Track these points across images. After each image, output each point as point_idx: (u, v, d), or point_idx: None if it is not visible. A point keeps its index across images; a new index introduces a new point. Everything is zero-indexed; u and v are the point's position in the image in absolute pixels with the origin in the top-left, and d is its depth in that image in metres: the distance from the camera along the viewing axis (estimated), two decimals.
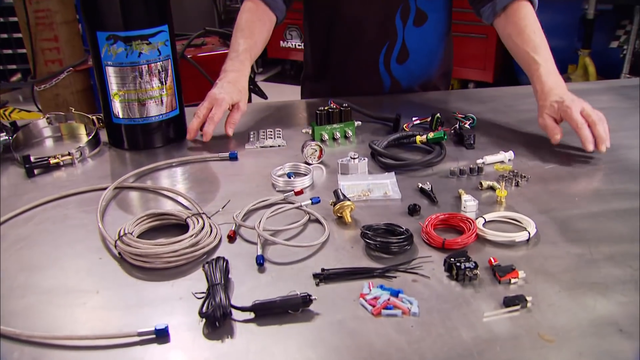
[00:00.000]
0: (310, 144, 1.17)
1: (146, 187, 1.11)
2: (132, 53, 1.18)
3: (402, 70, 1.54)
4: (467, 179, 1.10)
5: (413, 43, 1.51)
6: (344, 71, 1.56)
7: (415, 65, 1.55)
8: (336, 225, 0.97)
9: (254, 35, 1.40)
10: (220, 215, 1.00)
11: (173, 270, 0.87)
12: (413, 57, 1.52)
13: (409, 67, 1.54)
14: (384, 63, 1.52)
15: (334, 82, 1.59)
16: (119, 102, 1.23)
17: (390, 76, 1.54)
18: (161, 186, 1.11)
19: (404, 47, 1.50)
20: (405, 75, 1.55)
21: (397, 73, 1.54)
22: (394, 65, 1.53)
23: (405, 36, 1.49)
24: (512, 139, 1.27)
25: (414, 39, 1.50)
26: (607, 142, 1.15)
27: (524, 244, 0.90)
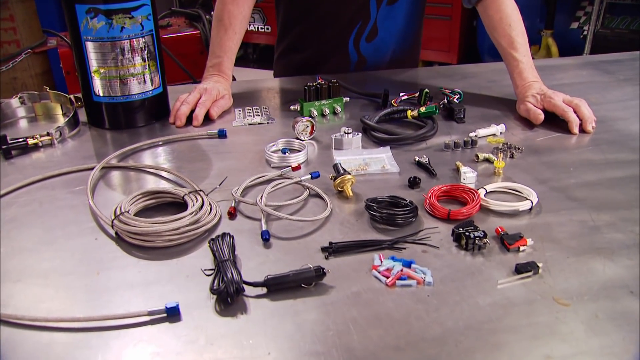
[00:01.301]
0: (301, 119, 1.15)
1: (136, 166, 1.07)
2: (113, 28, 1.13)
3: (370, 48, 1.53)
4: (462, 152, 1.10)
5: (383, 22, 1.50)
6: (313, 47, 1.55)
7: (382, 44, 1.54)
8: (337, 199, 0.96)
9: (235, 34, 1.38)
10: (217, 192, 0.97)
11: (174, 249, 0.84)
12: (382, 35, 1.51)
13: (376, 45, 1.53)
14: (354, 42, 1.51)
15: (302, 57, 1.57)
16: (100, 80, 1.18)
17: (358, 54, 1.53)
18: (151, 165, 1.07)
19: (374, 26, 1.49)
20: (372, 53, 1.54)
21: (365, 51, 1.53)
22: (363, 44, 1.52)
23: (377, 16, 1.47)
24: (500, 113, 1.29)
25: (385, 17, 1.49)
26: (593, 122, 1.18)
27: (527, 213, 0.91)
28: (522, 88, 1.27)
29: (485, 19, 1.37)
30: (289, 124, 1.22)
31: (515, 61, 1.30)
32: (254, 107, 1.32)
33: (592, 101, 1.26)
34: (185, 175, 1.03)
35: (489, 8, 1.35)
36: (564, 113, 1.18)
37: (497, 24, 1.33)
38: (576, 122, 1.17)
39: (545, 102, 1.22)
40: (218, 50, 1.37)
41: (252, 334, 0.68)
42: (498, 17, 1.34)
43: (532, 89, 1.25)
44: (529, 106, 1.22)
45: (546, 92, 1.23)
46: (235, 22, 1.37)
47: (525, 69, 1.29)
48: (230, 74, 1.38)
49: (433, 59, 4.30)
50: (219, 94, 1.29)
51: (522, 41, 1.32)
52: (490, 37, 1.37)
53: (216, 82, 1.33)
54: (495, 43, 1.36)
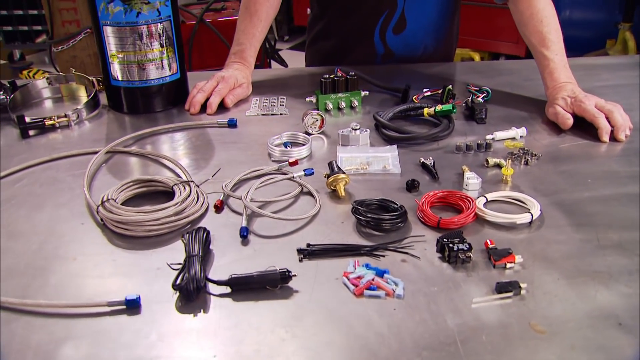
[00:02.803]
0: (311, 112, 1.12)
1: (138, 152, 1.08)
2: (130, 12, 1.14)
3: (398, 40, 1.46)
4: (473, 155, 1.04)
5: (412, 14, 1.42)
6: (340, 36, 1.50)
7: (412, 37, 1.46)
8: (329, 198, 0.93)
9: (260, 21, 1.36)
10: (211, 183, 0.97)
11: (155, 239, 0.84)
12: (410, 27, 1.44)
13: (405, 38, 1.46)
14: (380, 32, 1.45)
15: (330, 45, 1.53)
16: (118, 64, 1.20)
17: (385, 45, 1.47)
18: (153, 152, 1.08)
19: (402, 17, 1.42)
20: (400, 47, 1.48)
21: (392, 43, 1.47)
22: (390, 35, 1.45)
23: (405, 6, 1.41)
24: (528, 115, 1.21)
25: (413, 9, 1.42)
26: (627, 130, 1.08)
27: (526, 227, 0.84)
28: (553, 89, 1.19)
29: (516, 15, 1.28)
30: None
31: (546, 60, 1.21)
32: (271, 97, 1.31)
33: (632, 107, 1.16)
34: (186, 163, 1.04)
35: (520, 3, 1.26)
36: (594, 119, 1.09)
37: (528, 20, 1.24)
38: (607, 129, 1.08)
39: (575, 106, 1.13)
40: (242, 38, 1.36)
41: (203, 334, 0.67)
42: (529, 13, 1.25)
43: (564, 90, 1.17)
44: (557, 109, 1.14)
45: (578, 95, 1.14)
46: (262, 9, 1.36)
47: (557, 68, 1.20)
48: (252, 62, 1.37)
49: (500, 51, 4.11)
50: (237, 82, 1.28)
51: (554, 38, 1.23)
52: (521, 35, 1.28)
53: (236, 69, 1.32)
54: (526, 41, 1.27)
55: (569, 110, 1.13)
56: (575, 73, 1.24)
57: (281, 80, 1.45)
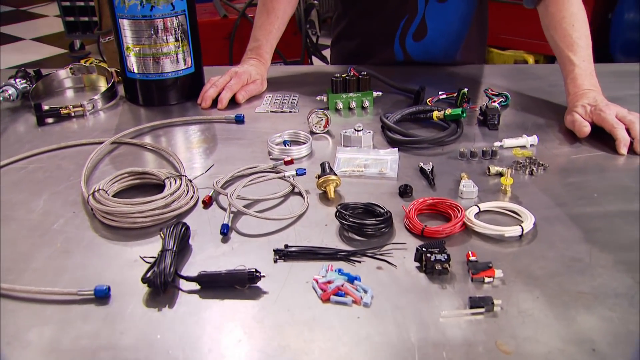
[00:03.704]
0: (316, 111, 1.11)
1: (140, 143, 1.10)
2: (144, 6, 1.16)
3: (418, 48, 1.43)
4: (477, 163, 1.01)
5: (433, 20, 1.38)
6: (363, 37, 1.48)
7: (432, 45, 1.42)
8: (319, 200, 0.92)
9: (277, 18, 1.37)
10: (205, 178, 0.97)
11: (140, 231, 0.85)
12: (431, 35, 1.40)
13: (425, 46, 1.42)
14: (400, 38, 1.41)
15: (351, 46, 1.51)
16: (134, 57, 1.23)
17: (404, 52, 1.44)
18: (154, 144, 1.09)
19: (422, 24, 1.38)
20: (420, 54, 1.44)
21: (412, 50, 1.43)
22: (410, 42, 1.41)
23: (426, 12, 1.37)
24: (545, 122, 1.15)
25: (434, 16, 1.38)
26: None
27: (515, 240, 0.81)
28: (574, 96, 1.13)
29: (545, 18, 1.23)
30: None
31: (571, 65, 1.16)
32: (284, 95, 1.30)
33: None
34: (184, 157, 1.05)
35: (552, 5, 1.21)
36: (613, 129, 1.03)
37: (559, 22, 1.19)
38: (625, 140, 1.02)
39: (594, 115, 1.07)
40: (258, 34, 1.36)
41: (165, 329, 0.68)
42: (560, 16, 1.19)
43: (585, 98, 1.11)
44: (575, 117, 1.08)
45: (599, 103, 1.08)
46: (279, 6, 1.36)
47: (582, 75, 1.14)
48: (268, 58, 1.37)
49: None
50: (250, 78, 1.29)
51: (583, 44, 1.17)
52: (548, 38, 1.22)
53: (251, 65, 1.32)
54: (552, 45, 1.21)
55: (588, 119, 1.08)
56: (606, 79, 1.18)
57: (299, 77, 1.45)
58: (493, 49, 4.02)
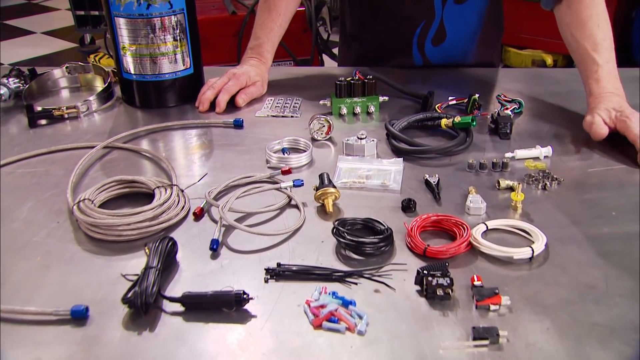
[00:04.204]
0: (318, 117, 1.07)
1: (134, 148, 1.06)
2: (140, 4, 1.12)
3: (437, 52, 1.37)
4: (487, 175, 0.95)
5: (452, 23, 1.33)
6: (372, 39, 1.42)
7: (452, 49, 1.37)
8: (316, 213, 0.87)
9: (279, 15, 1.32)
10: (198, 187, 0.93)
11: (126, 245, 0.81)
12: (451, 39, 1.35)
13: (445, 50, 1.37)
14: (418, 43, 1.36)
15: (362, 49, 1.45)
16: (130, 57, 1.19)
17: (423, 57, 1.38)
18: (148, 149, 1.05)
19: (441, 28, 1.33)
20: (440, 59, 1.38)
21: (431, 55, 1.38)
22: (429, 47, 1.36)
23: (444, 15, 1.31)
24: (561, 132, 1.10)
25: (453, 18, 1.32)
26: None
27: (525, 263, 0.76)
28: (597, 97, 1.07)
29: (566, 17, 1.16)
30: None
31: (595, 65, 1.09)
32: (286, 98, 1.26)
33: None
34: (179, 164, 1.01)
35: (575, 3, 1.14)
36: (636, 140, 0.97)
37: (584, 22, 1.12)
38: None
39: (618, 121, 1.01)
40: (259, 32, 1.32)
41: (143, 354, 0.64)
42: (586, 15, 1.13)
43: (609, 101, 1.05)
44: (596, 119, 1.02)
45: (625, 110, 1.02)
46: (281, 3, 1.31)
47: (605, 76, 1.08)
48: (269, 58, 1.32)
49: None
50: (250, 80, 1.24)
51: (608, 46, 1.11)
52: (567, 38, 1.16)
53: (251, 65, 1.28)
54: (573, 45, 1.15)
55: (611, 124, 1.02)
56: (630, 85, 1.12)
57: (303, 79, 1.40)
58: (510, 48, 3.94)
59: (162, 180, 0.92)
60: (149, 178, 0.91)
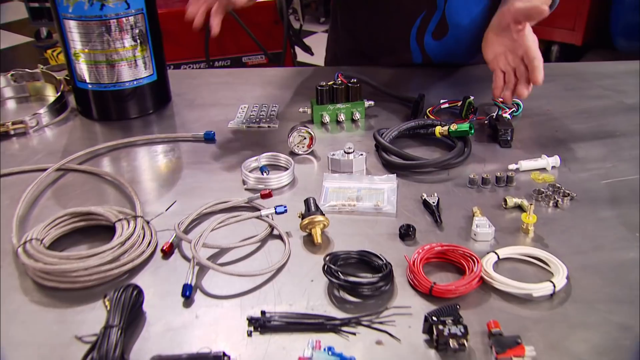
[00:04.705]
0: (299, 129, 0.96)
1: (93, 171, 0.94)
2: (92, 4, 1.00)
3: (438, 47, 1.27)
4: (490, 191, 0.86)
5: (455, 15, 1.23)
6: (367, 34, 1.31)
7: (454, 43, 1.27)
8: (303, 245, 0.77)
9: None
10: (166, 217, 0.82)
11: (83, 293, 0.70)
12: (453, 32, 1.25)
13: (446, 45, 1.27)
14: (417, 37, 1.26)
15: (355, 45, 1.35)
16: (84, 64, 1.07)
17: (422, 53, 1.28)
18: (108, 172, 0.93)
19: (443, 21, 1.23)
20: (440, 54, 1.29)
21: (430, 50, 1.28)
22: (428, 41, 1.26)
23: (446, 6, 1.21)
24: (566, 136, 1.01)
25: (456, 9, 1.22)
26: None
27: (546, 300, 0.67)
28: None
29: None
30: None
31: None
32: (262, 105, 1.15)
33: None
34: (144, 187, 0.90)
35: None
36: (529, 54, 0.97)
37: None
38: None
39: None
40: None
41: None
42: None
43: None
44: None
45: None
46: None
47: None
48: None
49: (554, 38, 3.82)
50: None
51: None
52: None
53: None
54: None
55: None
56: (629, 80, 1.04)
57: (280, 82, 1.29)
58: None
59: (123, 210, 0.81)
60: (109, 209, 0.80)
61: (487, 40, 1.04)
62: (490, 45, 1.04)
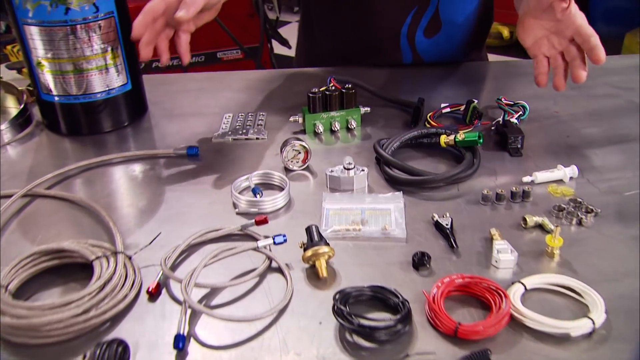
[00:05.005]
0: (292, 143, 0.88)
1: (64, 196, 0.85)
2: (56, 7, 0.90)
3: (430, 46, 1.20)
4: (505, 208, 0.80)
5: (449, 11, 1.16)
6: (354, 34, 1.23)
7: (446, 41, 1.20)
8: (306, 279, 0.69)
9: None
10: (151, 250, 0.74)
11: (58, 348, 0.62)
12: (446, 30, 1.18)
13: (438, 43, 1.20)
14: (408, 35, 1.18)
15: (333, 45, 1.26)
16: (50, 75, 0.97)
17: (413, 52, 1.21)
18: (82, 199, 0.84)
19: (436, 17, 1.16)
20: (432, 53, 1.22)
21: (422, 49, 1.21)
22: (420, 39, 1.19)
23: (440, 1, 1.14)
24: (579, 142, 0.95)
25: (450, 5, 1.15)
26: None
27: (584, 338, 0.60)
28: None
29: None
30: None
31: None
32: (247, 114, 1.06)
33: None
34: (121, 216, 0.81)
35: None
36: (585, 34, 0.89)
37: None
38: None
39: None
40: None
41: None
42: None
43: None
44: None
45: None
46: None
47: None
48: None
49: None
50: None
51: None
52: None
53: None
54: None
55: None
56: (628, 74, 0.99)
57: (264, 87, 1.20)
58: None
59: (102, 244, 0.72)
60: (85, 244, 0.71)
61: (524, 25, 0.96)
62: (530, 29, 0.95)
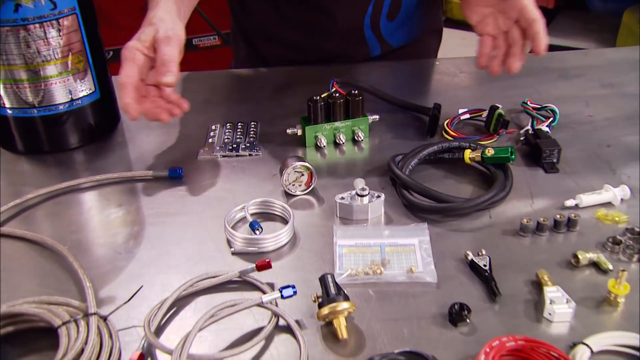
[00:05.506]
0: (293, 164, 0.76)
1: (21, 235, 0.72)
2: (2, 4, 0.77)
3: (395, 28, 1.11)
4: (548, 240, 0.69)
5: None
6: (313, 38, 1.10)
7: (406, 19, 1.11)
8: (322, 340, 0.58)
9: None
10: (131, 309, 0.62)
11: None
12: (406, 8, 1.09)
13: (400, 24, 1.11)
14: (372, 25, 1.08)
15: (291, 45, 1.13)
16: (1, 84, 0.83)
17: (381, 41, 1.11)
18: (44, 238, 0.71)
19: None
20: (398, 36, 1.13)
21: (389, 34, 1.11)
22: (385, 24, 1.09)
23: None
24: (621, 153, 0.85)
25: None
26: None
27: None
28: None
29: None
30: (282, 156, 0.82)
31: None
32: (236, 123, 0.94)
33: None
34: (92, 261, 0.68)
35: None
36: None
37: None
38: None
39: None
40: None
41: None
42: None
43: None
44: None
45: None
46: None
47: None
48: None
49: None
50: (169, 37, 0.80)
51: None
52: None
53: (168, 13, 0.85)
54: None
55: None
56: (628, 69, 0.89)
57: (255, 87, 1.08)
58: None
59: (69, 303, 0.60)
60: (47, 306, 0.59)
61: (469, 0, 0.86)
62: (475, 5, 0.85)
